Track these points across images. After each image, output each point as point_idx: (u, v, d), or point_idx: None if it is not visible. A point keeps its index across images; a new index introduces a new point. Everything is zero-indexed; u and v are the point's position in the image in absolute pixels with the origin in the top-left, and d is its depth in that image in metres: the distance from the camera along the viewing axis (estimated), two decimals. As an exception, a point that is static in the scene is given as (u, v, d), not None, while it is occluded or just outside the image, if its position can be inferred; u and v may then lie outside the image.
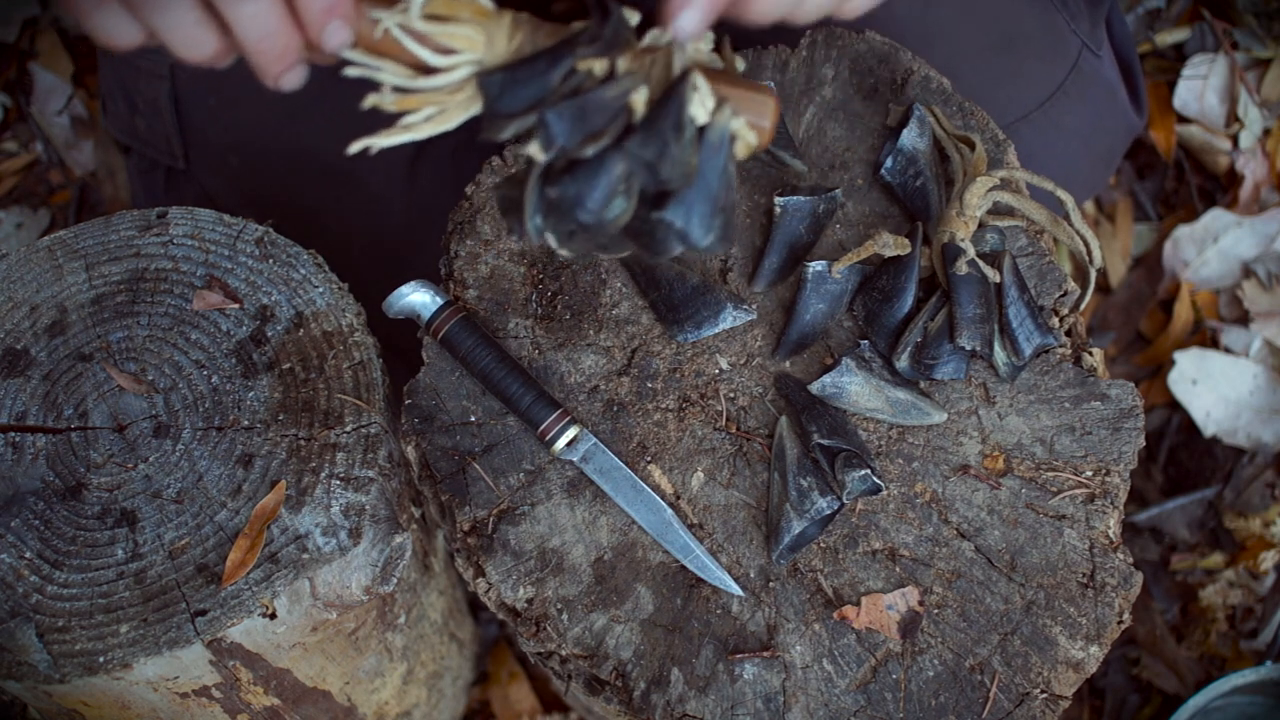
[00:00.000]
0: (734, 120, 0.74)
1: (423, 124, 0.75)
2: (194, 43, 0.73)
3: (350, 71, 0.74)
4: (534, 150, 0.72)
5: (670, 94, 0.72)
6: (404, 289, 1.01)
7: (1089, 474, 0.98)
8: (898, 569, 0.96)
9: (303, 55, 0.74)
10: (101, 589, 0.96)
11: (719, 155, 0.73)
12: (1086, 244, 1.01)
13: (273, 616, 0.96)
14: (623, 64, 0.73)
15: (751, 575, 0.97)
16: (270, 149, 1.30)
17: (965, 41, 1.21)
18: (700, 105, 0.73)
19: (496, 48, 0.74)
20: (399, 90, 0.74)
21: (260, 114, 1.29)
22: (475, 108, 0.75)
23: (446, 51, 0.73)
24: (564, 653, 0.96)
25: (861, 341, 1.01)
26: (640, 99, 0.72)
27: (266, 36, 0.72)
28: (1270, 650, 1.58)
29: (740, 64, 0.85)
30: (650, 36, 0.75)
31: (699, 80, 0.73)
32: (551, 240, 0.74)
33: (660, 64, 0.74)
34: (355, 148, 0.72)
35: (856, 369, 0.99)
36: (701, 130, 0.73)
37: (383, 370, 1.05)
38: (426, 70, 0.74)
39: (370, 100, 0.73)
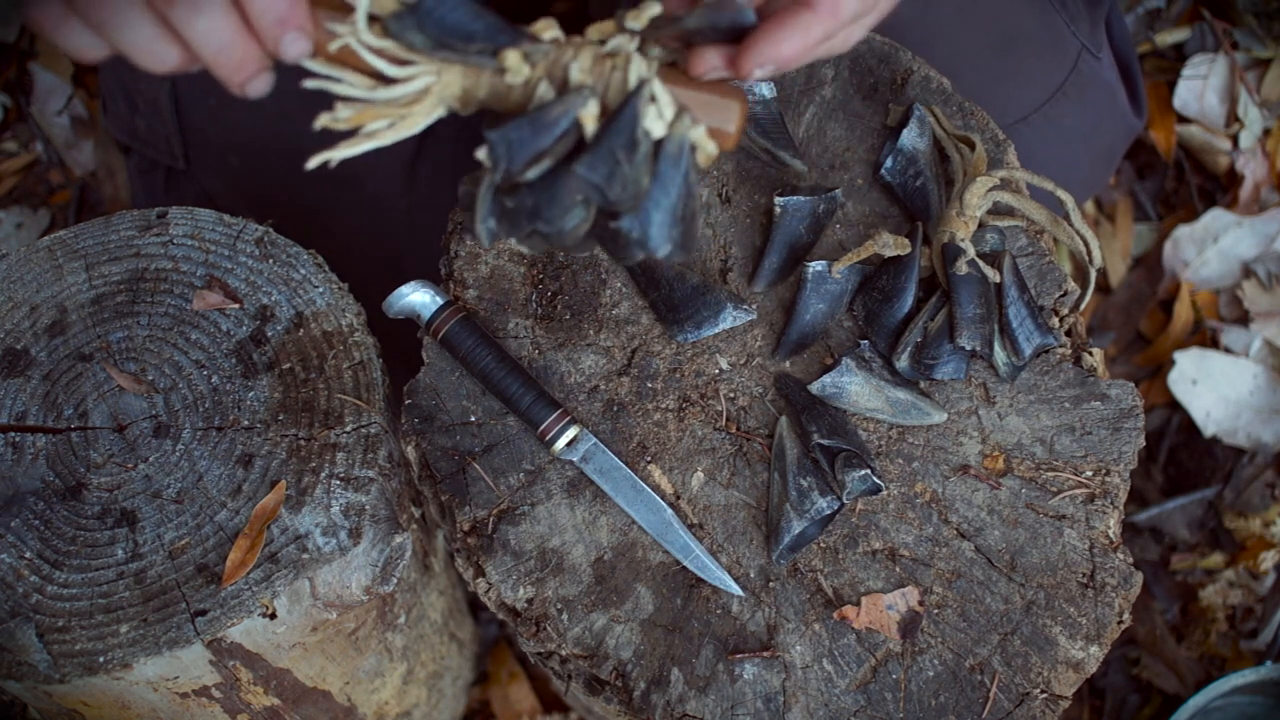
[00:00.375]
0: (694, 130, 0.73)
1: (385, 131, 0.74)
2: (155, 56, 0.75)
3: (309, 83, 0.74)
4: (483, 157, 0.71)
5: (622, 110, 0.71)
6: (404, 289, 1.01)
7: (1089, 474, 0.98)
8: (898, 569, 0.96)
9: (266, 63, 0.74)
10: (101, 589, 0.96)
11: (678, 167, 0.72)
12: (1086, 244, 1.01)
13: (273, 616, 0.96)
14: (578, 72, 0.72)
15: (751, 575, 0.97)
16: (270, 149, 1.30)
17: (965, 42, 1.21)
18: (657, 118, 0.71)
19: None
20: (356, 100, 0.74)
21: (260, 114, 1.29)
22: (439, 112, 0.75)
23: (401, 62, 0.73)
24: (564, 653, 0.96)
25: (861, 341, 1.01)
26: (590, 114, 0.71)
27: (223, 50, 0.73)
28: (1270, 650, 1.58)
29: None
30: (613, 43, 0.74)
31: (658, 89, 0.71)
32: (512, 242, 0.74)
33: (622, 70, 0.73)
34: (314, 162, 0.73)
35: (856, 369, 0.99)
36: (659, 142, 0.72)
37: (383, 370, 1.05)
38: (386, 79, 0.74)
39: (322, 120, 0.73)
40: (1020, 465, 0.99)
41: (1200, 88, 1.83)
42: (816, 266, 1.01)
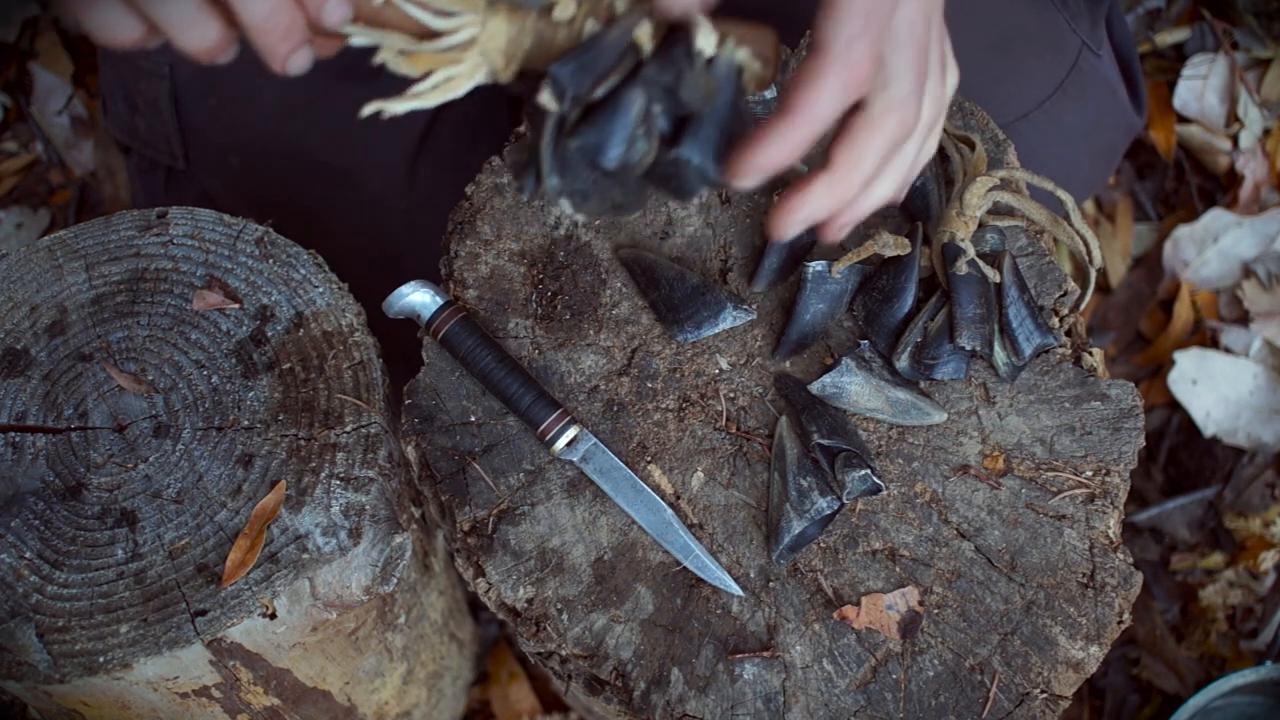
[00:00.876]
0: (739, 51, 0.73)
1: (431, 92, 0.74)
2: (196, 31, 0.73)
3: (356, 40, 0.73)
4: (545, 99, 0.70)
5: (674, 31, 0.71)
6: (404, 289, 1.01)
7: (1089, 474, 0.98)
8: (898, 569, 0.96)
9: (307, 36, 0.74)
10: (101, 589, 0.96)
11: (729, 87, 0.73)
12: (1086, 244, 1.01)
13: (273, 616, 0.96)
14: (623, 3, 0.73)
15: (751, 575, 0.97)
16: (270, 149, 1.30)
17: (965, 40, 1.21)
18: (705, 38, 0.72)
19: (497, 5, 0.74)
20: (404, 53, 0.74)
21: (260, 114, 1.29)
22: (480, 75, 0.75)
23: (445, 14, 0.73)
24: (564, 653, 0.96)
25: (861, 341, 1.01)
26: (645, 34, 0.71)
27: (270, 16, 0.72)
28: (1270, 650, 1.58)
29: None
30: None
31: (699, 17, 0.72)
32: (567, 206, 0.73)
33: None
34: (369, 110, 0.72)
35: (856, 369, 0.99)
36: (709, 63, 0.72)
37: (383, 370, 1.05)
38: (429, 36, 0.73)
39: (379, 58, 0.73)
40: (1020, 465, 0.99)
41: (1200, 88, 1.83)
42: (816, 266, 1.01)
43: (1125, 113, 1.35)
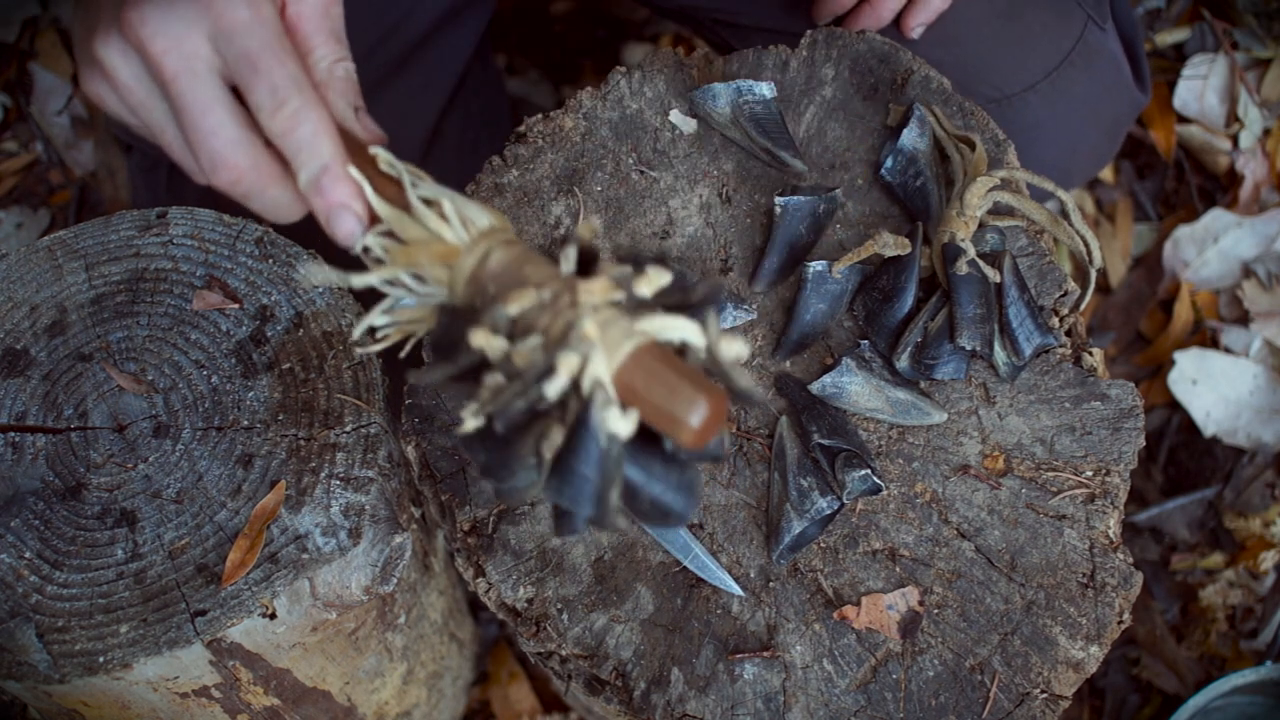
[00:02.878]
0: (620, 423, 0.64)
1: (388, 325, 0.75)
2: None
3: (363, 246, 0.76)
4: (465, 422, 0.66)
5: (573, 446, 0.64)
6: (404, 289, 1.01)
7: (1089, 474, 0.98)
8: (898, 569, 0.96)
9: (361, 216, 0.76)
10: (101, 589, 0.96)
11: (594, 445, 0.64)
12: (1086, 244, 1.01)
13: (273, 616, 0.96)
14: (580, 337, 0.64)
15: (751, 575, 0.97)
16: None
17: (971, 10, 1.22)
18: (615, 422, 0.64)
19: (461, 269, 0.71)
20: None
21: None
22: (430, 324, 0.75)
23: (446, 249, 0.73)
24: (564, 653, 0.96)
25: (861, 341, 1.01)
26: (550, 445, 0.65)
27: (280, 213, 0.79)
28: (1270, 650, 1.58)
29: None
30: (596, 316, 0.65)
31: (610, 401, 0.64)
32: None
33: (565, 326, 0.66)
34: (357, 333, 0.75)
35: (856, 369, 0.99)
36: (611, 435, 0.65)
37: (383, 370, 1.05)
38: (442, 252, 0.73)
39: (368, 241, 0.75)
40: (1020, 465, 0.99)
41: (1200, 88, 1.83)
42: (817, 266, 1.01)
43: (1130, 89, 1.36)
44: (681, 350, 0.66)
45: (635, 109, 1.11)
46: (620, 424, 0.63)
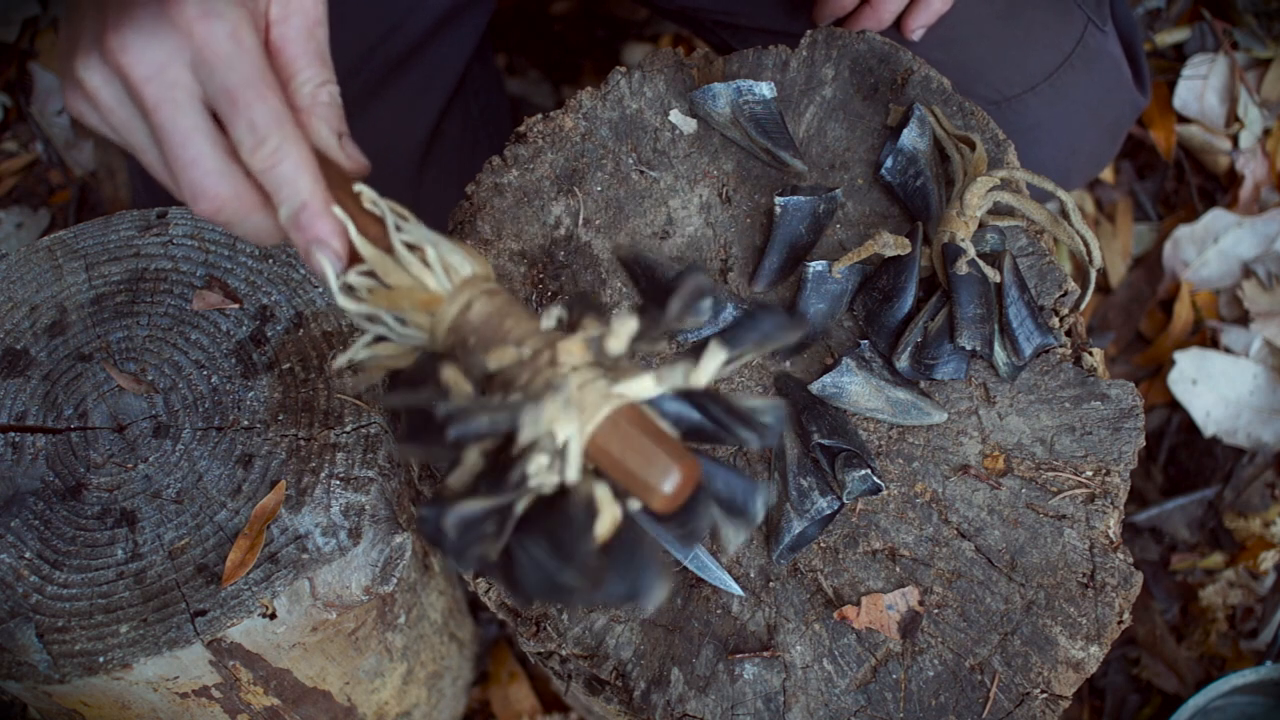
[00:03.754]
0: (597, 488, 0.65)
1: (370, 360, 0.75)
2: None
3: (345, 305, 0.74)
4: (424, 523, 0.64)
5: (561, 524, 0.63)
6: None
7: (1089, 474, 0.98)
8: (898, 569, 0.96)
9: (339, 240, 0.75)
10: (101, 589, 0.96)
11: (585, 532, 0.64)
12: (1086, 244, 1.01)
13: (273, 616, 0.96)
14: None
15: (751, 575, 0.97)
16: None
17: (972, 11, 1.22)
18: (602, 514, 0.64)
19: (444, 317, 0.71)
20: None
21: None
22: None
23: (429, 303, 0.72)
24: (564, 653, 0.96)
25: (861, 341, 1.01)
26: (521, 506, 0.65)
27: (260, 237, 0.77)
28: (1270, 650, 1.58)
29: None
30: (577, 377, 0.65)
31: (589, 487, 0.65)
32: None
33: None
34: (339, 364, 0.74)
35: (856, 369, 0.99)
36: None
37: (383, 370, 1.05)
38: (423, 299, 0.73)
39: (348, 279, 0.74)
40: (1020, 465, 0.99)
41: (1200, 88, 1.83)
42: (817, 266, 1.01)
43: (1130, 90, 1.36)
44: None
45: (635, 109, 1.11)
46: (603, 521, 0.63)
